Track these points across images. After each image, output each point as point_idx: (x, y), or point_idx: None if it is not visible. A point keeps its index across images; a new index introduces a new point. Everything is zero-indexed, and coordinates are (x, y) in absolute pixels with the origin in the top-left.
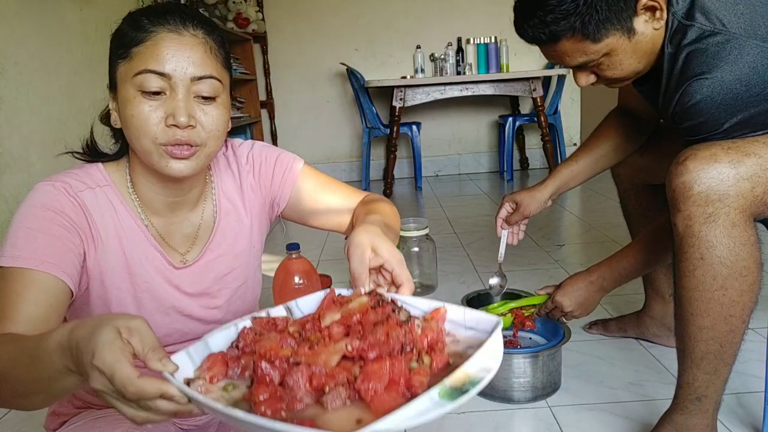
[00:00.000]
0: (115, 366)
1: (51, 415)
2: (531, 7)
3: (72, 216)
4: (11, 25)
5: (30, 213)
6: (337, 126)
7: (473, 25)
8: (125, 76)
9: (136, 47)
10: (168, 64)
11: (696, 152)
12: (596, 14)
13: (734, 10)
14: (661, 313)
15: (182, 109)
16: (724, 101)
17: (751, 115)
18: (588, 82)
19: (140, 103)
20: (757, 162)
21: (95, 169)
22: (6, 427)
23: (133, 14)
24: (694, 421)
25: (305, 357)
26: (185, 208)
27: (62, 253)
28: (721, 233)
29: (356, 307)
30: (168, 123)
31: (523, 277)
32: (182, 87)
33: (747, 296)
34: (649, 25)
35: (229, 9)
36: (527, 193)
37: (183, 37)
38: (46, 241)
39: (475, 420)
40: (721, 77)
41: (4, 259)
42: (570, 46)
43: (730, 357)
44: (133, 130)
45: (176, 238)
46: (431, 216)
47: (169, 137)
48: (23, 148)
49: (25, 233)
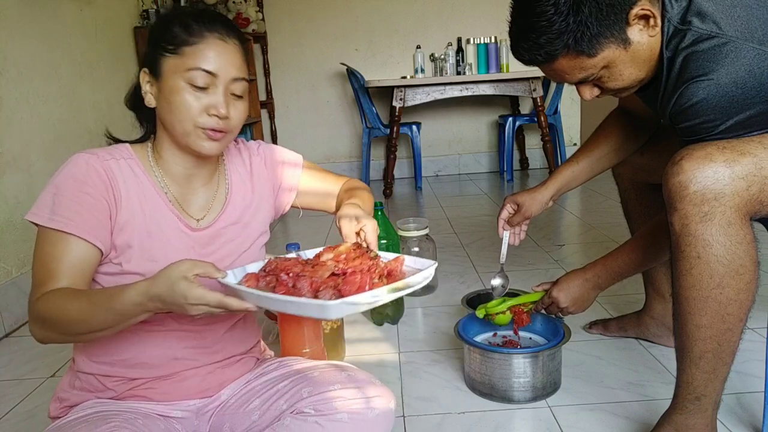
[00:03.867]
0: (204, 296)
1: (55, 401)
2: (524, 30)
3: (99, 184)
4: (11, 25)
5: (66, 183)
6: (337, 126)
7: (473, 25)
8: (174, 69)
9: (188, 47)
10: (216, 65)
11: (692, 152)
12: (588, 30)
13: (731, 13)
14: (661, 313)
15: (224, 104)
16: (721, 103)
17: (747, 117)
18: (593, 95)
19: (188, 94)
20: (753, 161)
21: (123, 146)
22: (6, 427)
23: (182, 16)
24: (694, 420)
25: (308, 273)
26: (200, 181)
27: (97, 220)
28: (717, 232)
29: (342, 249)
30: (210, 112)
31: (523, 277)
32: (223, 85)
33: (744, 294)
34: (644, 34)
35: (229, 9)
36: (528, 194)
37: (227, 45)
38: (82, 210)
39: (475, 420)
40: (717, 80)
41: (50, 221)
42: (567, 64)
43: (728, 356)
44: (177, 114)
45: (192, 207)
46: (431, 216)
47: (210, 123)
48: (23, 148)
49: (64, 201)
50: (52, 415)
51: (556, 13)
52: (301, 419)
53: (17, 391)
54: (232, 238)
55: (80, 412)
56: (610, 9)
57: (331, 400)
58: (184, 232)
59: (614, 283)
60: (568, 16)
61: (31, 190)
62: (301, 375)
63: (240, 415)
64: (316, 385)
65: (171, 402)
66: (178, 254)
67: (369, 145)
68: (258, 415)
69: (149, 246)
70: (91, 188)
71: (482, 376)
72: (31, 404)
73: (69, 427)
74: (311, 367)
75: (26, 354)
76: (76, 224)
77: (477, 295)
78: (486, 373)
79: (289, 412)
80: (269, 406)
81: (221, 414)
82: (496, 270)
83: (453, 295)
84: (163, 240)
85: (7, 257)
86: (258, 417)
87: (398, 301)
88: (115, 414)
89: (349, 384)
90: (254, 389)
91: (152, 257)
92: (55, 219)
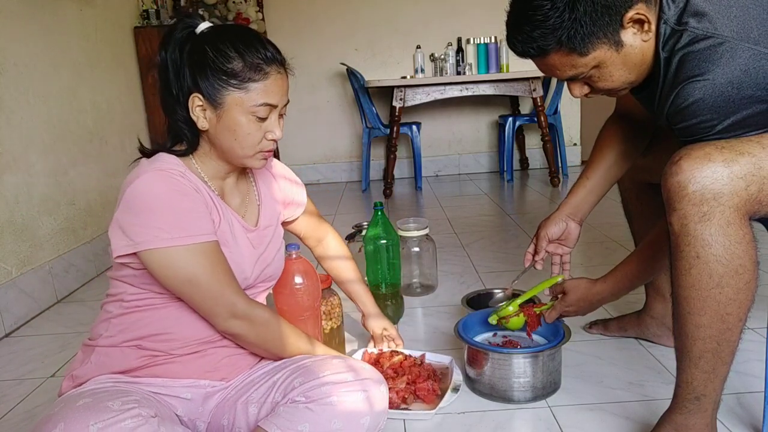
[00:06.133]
0: None
1: (68, 379)
2: (519, 22)
3: (191, 191)
4: (11, 25)
5: (174, 199)
6: (337, 126)
7: (473, 25)
8: (239, 102)
9: (254, 83)
10: (277, 97)
11: (690, 152)
12: (581, 28)
13: (727, 13)
14: (661, 313)
15: (279, 129)
16: (717, 103)
17: (744, 117)
18: (582, 93)
19: (253, 124)
20: (751, 161)
21: (169, 157)
22: (6, 427)
23: (245, 54)
24: (694, 420)
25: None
26: (233, 180)
27: (210, 221)
28: (716, 231)
29: (396, 361)
30: (269, 138)
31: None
32: (278, 111)
33: (743, 294)
34: (638, 38)
35: (229, 9)
36: (545, 220)
37: (282, 76)
38: (201, 217)
39: (475, 420)
40: (713, 80)
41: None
42: (558, 60)
43: (727, 355)
44: (241, 142)
45: (233, 204)
46: (431, 216)
47: (269, 147)
48: (23, 148)
49: (185, 216)
50: (63, 392)
51: (552, 9)
52: (293, 407)
53: (17, 391)
54: (269, 238)
55: (95, 385)
56: (605, 10)
57: (321, 386)
58: (246, 235)
59: (618, 296)
60: (564, 12)
61: (31, 190)
62: (295, 365)
63: (239, 408)
64: (307, 374)
65: (183, 380)
66: (244, 254)
67: (369, 145)
68: (256, 408)
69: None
70: (199, 199)
71: (482, 376)
72: (31, 404)
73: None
74: (304, 358)
75: (26, 354)
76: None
77: (477, 295)
78: (486, 373)
79: (283, 402)
80: (266, 399)
81: (222, 405)
82: (496, 270)
83: (453, 295)
84: (234, 239)
85: (7, 257)
86: (256, 410)
87: (398, 301)
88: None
89: (339, 369)
90: (253, 380)
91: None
92: (184, 235)
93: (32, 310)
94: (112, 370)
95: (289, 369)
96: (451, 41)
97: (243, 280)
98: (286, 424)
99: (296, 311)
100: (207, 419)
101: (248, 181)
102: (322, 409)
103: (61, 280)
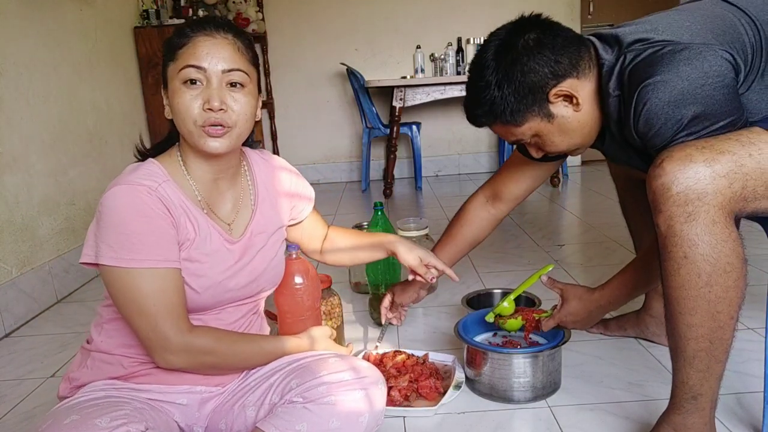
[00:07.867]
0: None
1: (65, 381)
2: (467, 97)
3: (160, 211)
4: (11, 25)
5: (129, 218)
6: (337, 126)
7: (473, 25)
8: (173, 74)
9: (180, 50)
10: (204, 59)
11: (671, 153)
12: (510, 104)
13: (656, 30)
14: (661, 312)
15: (215, 95)
16: (674, 98)
17: (704, 107)
18: (538, 155)
19: (183, 93)
20: (732, 159)
21: (154, 166)
22: (6, 427)
23: (179, 26)
24: (692, 420)
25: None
26: (225, 183)
27: (170, 245)
28: (702, 231)
29: (399, 360)
30: (204, 108)
31: (523, 277)
32: (215, 78)
33: (733, 292)
34: (569, 110)
35: (229, 9)
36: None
37: (216, 39)
38: (154, 242)
39: (475, 420)
40: (662, 77)
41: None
42: (500, 129)
43: (721, 353)
44: (179, 115)
45: (221, 211)
46: (431, 216)
47: (205, 119)
48: (23, 148)
49: (135, 238)
50: (60, 395)
51: (486, 87)
52: (290, 407)
53: (17, 391)
54: (260, 247)
55: (89, 393)
56: (528, 89)
57: (319, 386)
58: (227, 247)
59: (614, 307)
60: (494, 90)
61: (31, 190)
62: (292, 366)
63: (236, 412)
64: (305, 374)
65: (179, 386)
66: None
67: (369, 145)
68: (254, 411)
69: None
70: (156, 218)
71: (482, 376)
72: (31, 404)
73: (79, 409)
74: (300, 358)
75: (26, 354)
76: (166, 259)
77: (477, 295)
78: (486, 373)
79: (280, 403)
80: (263, 401)
81: (219, 410)
82: (495, 270)
83: (453, 295)
84: (210, 255)
85: (7, 257)
86: (254, 413)
87: None
88: (125, 402)
89: (337, 369)
90: (249, 384)
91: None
92: (137, 258)
93: (32, 310)
94: (108, 375)
95: (285, 371)
96: (451, 41)
97: (224, 292)
98: (284, 424)
99: (296, 311)
100: (204, 424)
101: (245, 185)
102: (320, 408)
103: (61, 280)
